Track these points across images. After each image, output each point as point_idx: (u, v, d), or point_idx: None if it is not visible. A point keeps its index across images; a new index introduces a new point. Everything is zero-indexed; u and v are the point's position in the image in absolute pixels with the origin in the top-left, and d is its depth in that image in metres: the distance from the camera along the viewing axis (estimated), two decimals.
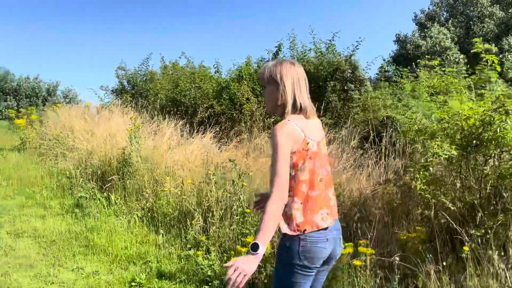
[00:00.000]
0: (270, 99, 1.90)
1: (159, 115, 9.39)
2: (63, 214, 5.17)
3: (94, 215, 5.06)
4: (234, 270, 1.56)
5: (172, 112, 9.41)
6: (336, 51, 8.63)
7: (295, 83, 1.84)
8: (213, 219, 4.31)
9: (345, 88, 8.10)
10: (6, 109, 28.05)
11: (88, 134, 8.50)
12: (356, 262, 2.93)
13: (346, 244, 2.89)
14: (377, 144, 5.41)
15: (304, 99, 1.85)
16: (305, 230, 1.74)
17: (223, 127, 8.00)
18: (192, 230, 4.28)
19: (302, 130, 1.77)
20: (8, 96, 29.90)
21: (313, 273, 1.80)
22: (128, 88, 13.72)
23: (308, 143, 1.77)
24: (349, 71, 8.10)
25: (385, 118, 6.45)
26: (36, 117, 10.05)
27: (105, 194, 5.75)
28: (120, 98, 12.49)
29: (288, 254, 1.76)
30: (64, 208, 5.41)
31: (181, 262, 3.92)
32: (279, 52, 8.95)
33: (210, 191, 4.56)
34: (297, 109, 1.82)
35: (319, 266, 1.80)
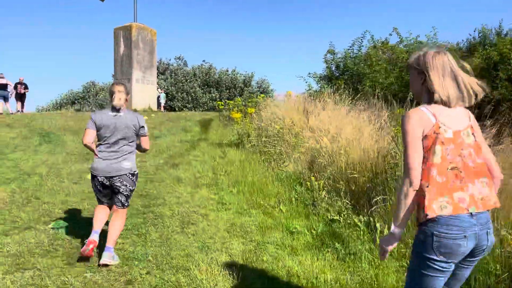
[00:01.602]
0: (413, 88, 1.88)
1: (386, 104, 7.52)
2: (318, 247, 3.83)
3: (366, 257, 3.55)
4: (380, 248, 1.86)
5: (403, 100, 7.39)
6: None
7: (438, 72, 1.76)
8: None
9: None
10: (211, 101, 30.59)
11: (310, 130, 7.27)
12: None
13: None
14: None
15: (449, 88, 1.75)
16: (426, 215, 1.69)
17: (504, 119, 5.52)
18: None
19: (434, 115, 1.73)
20: (211, 89, 32.54)
21: (449, 269, 1.71)
22: (337, 74, 12.26)
23: (439, 127, 1.71)
24: None
25: None
26: (252, 110, 9.40)
27: (362, 217, 4.24)
28: (331, 86, 11.14)
29: (422, 247, 1.72)
30: (314, 235, 4.09)
31: None
32: None
33: None
34: (439, 99, 1.74)
35: (456, 261, 1.71)
